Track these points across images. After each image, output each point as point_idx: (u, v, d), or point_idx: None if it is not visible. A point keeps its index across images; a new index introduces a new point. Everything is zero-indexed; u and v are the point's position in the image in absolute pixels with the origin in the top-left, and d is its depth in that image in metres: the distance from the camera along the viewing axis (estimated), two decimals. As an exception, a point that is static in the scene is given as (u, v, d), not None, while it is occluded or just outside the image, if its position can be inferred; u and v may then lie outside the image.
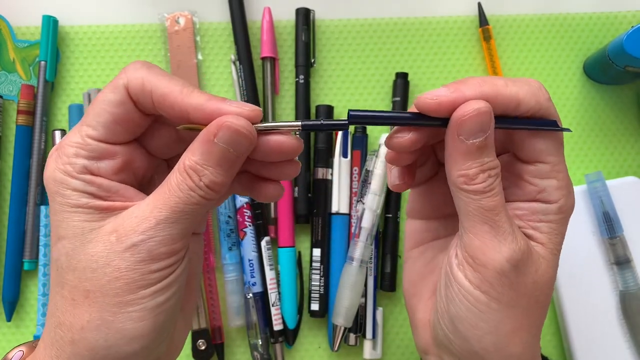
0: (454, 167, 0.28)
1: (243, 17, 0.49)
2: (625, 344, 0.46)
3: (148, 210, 0.26)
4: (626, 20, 0.51)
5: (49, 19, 0.48)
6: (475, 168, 0.28)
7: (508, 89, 0.28)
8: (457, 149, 0.28)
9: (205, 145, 0.26)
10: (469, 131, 0.27)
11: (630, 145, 0.50)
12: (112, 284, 0.25)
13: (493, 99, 0.28)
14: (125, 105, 0.27)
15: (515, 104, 0.28)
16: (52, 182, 0.26)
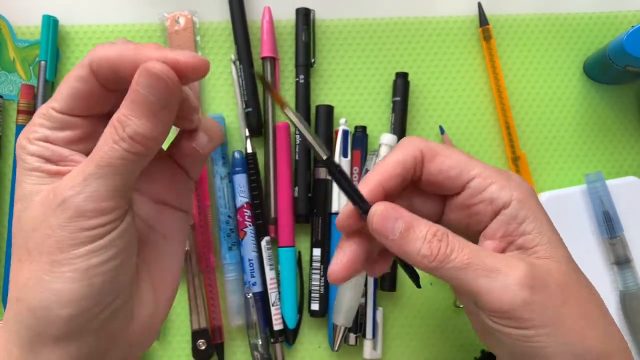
0: (411, 259, 0.29)
1: (243, 17, 0.49)
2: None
3: (85, 164, 0.26)
4: (626, 20, 0.51)
5: (49, 19, 0.48)
6: (423, 246, 0.29)
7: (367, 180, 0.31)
8: (396, 246, 0.29)
9: (131, 94, 0.25)
10: (388, 231, 0.29)
11: (630, 145, 0.50)
12: (46, 241, 0.25)
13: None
14: (87, 80, 0.27)
15: (400, 169, 0.31)
16: (18, 149, 0.28)
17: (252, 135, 0.48)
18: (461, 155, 0.31)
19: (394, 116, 0.49)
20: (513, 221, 0.29)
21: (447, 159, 0.30)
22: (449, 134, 0.50)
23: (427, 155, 0.30)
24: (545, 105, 0.50)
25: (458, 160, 0.30)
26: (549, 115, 0.50)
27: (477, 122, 0.50)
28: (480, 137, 0.50)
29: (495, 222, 0.30)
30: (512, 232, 0.30)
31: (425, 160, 0.31)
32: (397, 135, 0.48)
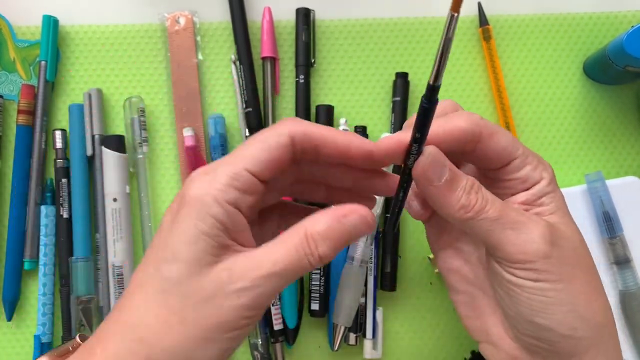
0: (449, 209, 0.30)
1: (243, 17, 0.49)
2: (625, 344, 0.46)
3: (263, 261, 0.27)
4: (626, 20, 0.51)
5: (49, 19, 0.48)
6: (462, 197, 0.30)
7: (451, 123, 0.30)
8: (439, 193, 0.30)
9: (333, 221, 0.28)
10: (436, 176, 0.29)
11: (630, 145, 0.50)
12: (209, 319, 0.26)
13: (447, 136, 0.30)
14: (286, 149, 0.29)
15: (461, 135, 0.30)
16: (196, 202, 0.27)
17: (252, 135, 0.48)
18: (511, 136, 0.32)
19: (394, 116, 0.49)
20: (536, 196, 0.31)
21: (503, 137, 0.31)
22: (449, 134, 0.50)
23: (485, 133, 0.31)
24: (545, 105, 0.50)
25: (510, 141, 0.31)
26: (548, 115, 0.50)
27: (477, 122, 0.50)
28: (480, 137, 0.50)
29: (520, 196, 0.32)
30: (532, 202, 0.31)
31: (483, 138, 0.31)
32: (397, 135, 0.48)
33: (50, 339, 0.47)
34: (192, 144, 0.48)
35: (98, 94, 0.48)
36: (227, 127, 0.49)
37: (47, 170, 0.49)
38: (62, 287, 0.47)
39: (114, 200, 0.47)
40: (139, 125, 0.48)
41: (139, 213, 0.48)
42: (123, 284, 0.46)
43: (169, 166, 0.49)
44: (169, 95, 0.49)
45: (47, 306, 0.47)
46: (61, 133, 0.48)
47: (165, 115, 0.50)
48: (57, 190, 0.47)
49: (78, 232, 0.47)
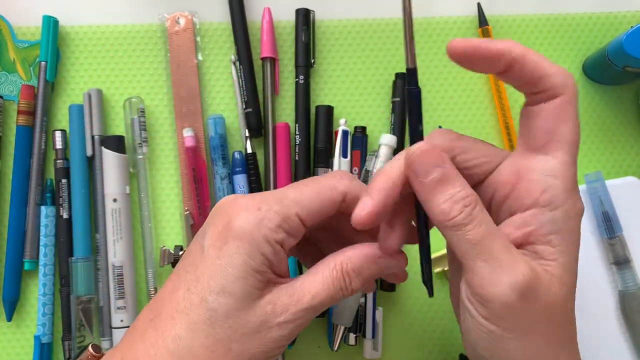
0: (430, 209, 0.28)
1: (243, 17, 0.49)
2: (624, 344, 0.46)
3: (302, 294, 0.29)
4: (626, 20, 0.51)
5: (49, 19, 0.48)
6: (446, 202, 0.28)
7: (538, 57, 0.28)
8: (422, 191, 0.28)
9: (367, 260, 0.30)
10: (422, 170, 0.28)
11: (630, 145, 0.50)
12: (253, 349, 0.28)
13: (520, 59, 0.28)
14: (336, 205, 0.31)
15: (540, 74, 0.28)
16: (247, 237, 0.29)
17: (252, 135, 0.48)
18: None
19: (394, 116, 0.49)
20: (547, 226, 0.28)
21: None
22: (448, 134, 0.50)
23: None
24: (544, 105, 0.50)
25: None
26: (548, 116, 0.50)
27: (477, 123, 0.50)
28: (480, 137, 0.50)
29: (530, 214, 0.29)
30: (538, 235, 0.28)
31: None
32: (397, 136, 0.48)
33: (50, 339, 0.47)
34: (192, 144, 0.48)
35: (98, 94, 0.48)
36: (227, 128, 0.49)
37: (47, 170, 0.49)
38: (62, 287, 0.47)
39: (114, 201, 0.47)
40: (139, 126, 0.48)
41: (139, 213, 0.48)
42: (123, 284, 0.46)
43: (169, 166, 0.49)
44: (169, 95, 0.49)
45: (47, 306, 0.47)
46: (61, 133, 0.48)
47: (165, 115, 0.50)
48: (57, 190, 0.47)
49: (78, 232, 0.47)
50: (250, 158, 0.48)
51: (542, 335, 0.28)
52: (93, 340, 0.46)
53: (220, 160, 0.48)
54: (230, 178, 0.48)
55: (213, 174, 0.48)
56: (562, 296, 0.28)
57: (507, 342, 0.28)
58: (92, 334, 0.46)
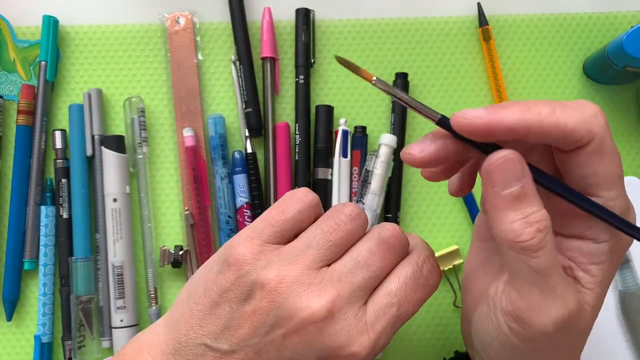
0: (496, 221, 0.26)
1: (243, 17, 0.49)
2: (624, 344, 0.46)
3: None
4: (626, 20, 0.51)
5: (49, 19, 0.48)
6: (518, 222, 0.25)
7: (554, 118, 0.25)
8: (495, 202, 0.26)
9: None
10: (501, 181, 0.26)
11: (630, 145, 0.50)
12: None
13: (536, 129, 0.25)
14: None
15: (563, 135, 0.25)
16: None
17: (252, 135, 0.48)
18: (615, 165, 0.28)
19: (394, 116, 0.49)
20: (593, 260, 0.27)
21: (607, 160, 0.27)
22: (448, 134, 0.50)
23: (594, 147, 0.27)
24: (545, 105, 0.50)
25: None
26: (548, 116, 0.50)
27: (477, 122, 0.50)
28: (480, 137, 0.50)
29: (574, 241, 0.28)
30: (579, 262, 0.28)
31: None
32: (397, 136, 0.48)
33: (50, 339, 0.47)
34: (192, 144, 0.48)
35: (98, 94, 0.48)
36: (227, 127, 0.49)
37: (47, 170, 0.49)
38: (62, 287, 0.47)
39: (114, 201, 0.47)
40: (139, 126, 0.48)
41: (139, 213, 0.48)
42: (123, 283, 0.46)
43: (169, 166, 0.49)
44: (169, 95, 0.49)
45: (47, 306, 0.47)
46: (61, 133, 0.48)
47: (165, 115, 0.50)
48: (57, 190, 0.47)
49: (78, 232, 0.47)
50: (250, 158, 0.48)
51: (559, 351, 0.28)
52: (93, 340, 0.46)
53: (220, 160, 0.48)
54: (230, 178, 0.48)
55: (213, 173, 0.48)
56: (590, 323, 0.28)
57: (526, 357, 0.28)
58: (92, 333, 0.46)
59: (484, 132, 0.26)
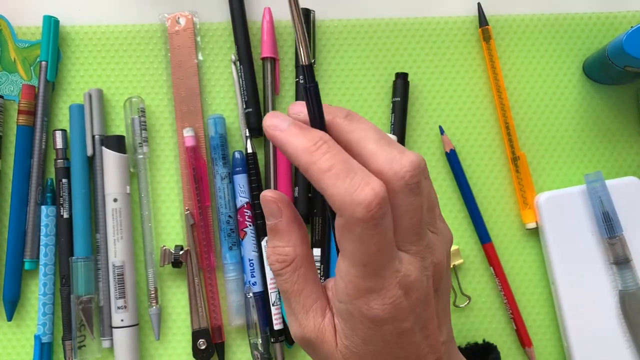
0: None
1: (243, 17, 0.49)
2: (624, 344, 0.46)
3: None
4: (626, 20, 0.51)
5: (49, 19, 0.48)
6: (269, 248, 0.31)
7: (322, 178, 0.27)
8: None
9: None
10: (265, 212, 0.31)
11: (630, 145, 0.50)
12: None
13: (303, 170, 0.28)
14: None
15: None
16: None
17: (252, 135, 0.48)
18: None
19: (394, 116, 0.49)
20: (334, 307, 0.30)
21: None
22: (448, 134, 0.50)
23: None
24: (545, 105, 0.50)
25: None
26: (548, 115, 0.50)
27: (477, 123, 0.50)
28: (480, 137, 0.50)
29: (330, 289, 0.31)
30: (332, 306, 0.31)
31: None
32: (397, 136, 0.48)
33: (50, 339, 0.47)
34: (192, 144, 0.48)
35: (98, 94, 0.48)
36: (227, 128, 0.49)
37: (47, 170, 0.49)
38: (63, 287, 0.47)
39: (114, 201, 0.47)
40: (139, 126, 0.48)
41: (139, 213, 0.48)
42: (123, 283, 0.46)
43: (169, 166, 0.49)
44: (169, 95, 0.50)
45: (48, 306, 0.47)
46: (61, 133, 0.48)
47: (166, 115, 0.50)
48: (57, 190, 0.47)
49: (78, 232, 0.47)
50: (250, 158, 0.48)
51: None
52: (93, 339, 0.46)
53: (220, 160, 0.48)
54: (231, 178, 0.48)
55: (213, 173, 0.48)
56: (341, 352, 0.30)
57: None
58: (93, 333, 0.46)
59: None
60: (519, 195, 0.49)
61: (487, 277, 0.49)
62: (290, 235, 0.31)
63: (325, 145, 0.27)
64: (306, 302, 0.30)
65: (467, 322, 0.49)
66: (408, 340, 0.29)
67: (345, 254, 0.27)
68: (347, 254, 0.27)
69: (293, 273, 0.30)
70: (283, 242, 0.31)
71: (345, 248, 0.27)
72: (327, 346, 0.30)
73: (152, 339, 0.48)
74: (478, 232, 0.49)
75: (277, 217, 0.31)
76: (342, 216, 0.26)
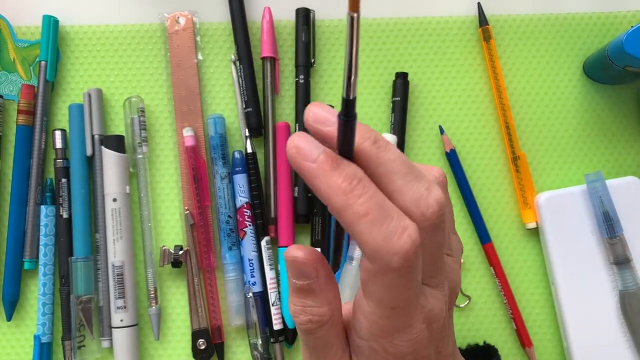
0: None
1: (243, 17, 0.49)
2: (624, 344, 0.46)
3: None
4: (626, 20, 0.51)
5: (49, 19, 0.48)
6: (298, 306, 0.28)
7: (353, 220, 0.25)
8: (289, 284, 0.28)
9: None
10: (291, 272, 0.28)
11: (630, 145, 0.50)
12: None
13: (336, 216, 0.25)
14: None
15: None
16: None
17: (252, 135, 0.48)
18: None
19: (394, 116, 0.49)
20: (353, 343, 0.29)
21: None
22: (448, 134, 0.50)
23: None
24: (545, 105, 0.50)
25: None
26: (548, 115, 0.50)
27: (477, 122, 0.50)
28: (480, 137, 0.50)
29: (350, 326, 0.29)
30: (350, 342, 0.29)
31: None
32: (397, 136, 0.48)
33: (50, 339, 0.47)
34: (192, 144, 0.48)
35: (98, 94, 0.48)
36: (227, 127, 0.49)
37: (47, 170, 0.49)
38: (62, 287, 0.47)
39: (114, 200, 0.47)
40: (139, 125, 0.48)
41: (138, 213, 0.48)
42: (123, 283, 0.46)
43: (169, 166, 0.49)
44: (169, 95, 0.49)
45: (47, 306, 0.47)
46: (61, 133, 0.48)
47: (165, 115, 0.50)
48: (57, 190, 0.47)
49: (78, 232, 0.47)
50: (250, 158, 0.48)
51: None
52: (93, 340, 0.46)
53: (220, 159, 0.48)
54: (230, 178, 0.48)
55: (213, 173, 0.48)
56: None
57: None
58: (92, 333, 0.46)
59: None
60: (519, 195, 0.49)
61: (487, 277, 0.49)
62: (326, 294, 0.28)
63: (361, 186, 0.25)
64: (336, 354, 0.29)
65: (467, 322, 0.49)
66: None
67: (372, 296, 0.26)
68: (374, 297, 0.26)
69: (328, 330, 0.28)
70: (318, 302, 0.28)
71: (373, 292, 0.26)
72: None
73: (152, 339, 0.48)
74: (478, 232, 0.49)
75: (311, 278, 0.27)
76: (374, 263, 0.25)
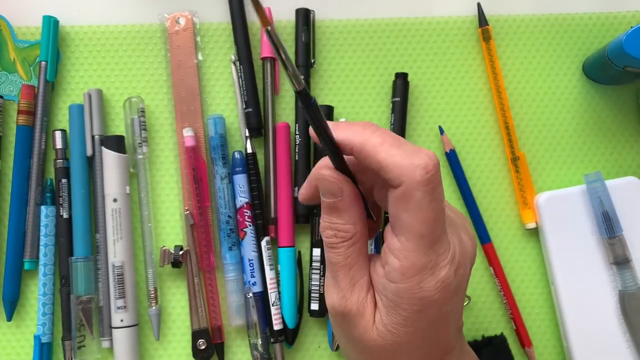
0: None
1: (243, 17, 0.49)
2: (624, 344, 0.46)
3: None
4: (626, 20, 0.51)
5: (49, 19, 0.48)
6: (325, 222, 0.31)
7: (377, 149, 0.29)
8: (321, 203, 0.31)
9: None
10: (322, 190, 0.31)
11: (630, 145, 0.50)
12: None
13: (357, 150, 0.29)
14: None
15: (377, 167, 0.29)
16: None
17: (252, 135, 0.48)
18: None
19: (394, 116, 0.49)
20: (381, 288, 0.31)
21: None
22: (448, 134, 0.50)
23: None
24: (544, 105, 0.50)
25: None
26: (548, 116, 0.50)
27: (477, 123, 0.50)
28: (480, 138, 0.50)
29: (377, 269, 0.31)
30: (376, 287, 0.31)
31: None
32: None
33: (50, 339, 0.47)
34: (192, 144, 0.48)
35: (98, 94, 0.48)
36: (227, 128, 0.49)
37: (47, 170, 0.49)
38: (62, 287, 0.47)
39: (114, 201, 0.47)
40: (139, 126, 0.48)
41: (139, 213, 0.48)
42: (123, 283, 0.46)
43: (169, 166, 0.49)
44: (169, 95, 0.49)
45: (47, 306, 0.47)
46: (61, 133, 0.48)
47: (165, 115, 0.50)
48: (57, 190, 0.47)
49: (78, 232, 0.47)
50: (250, 158, 0.48)
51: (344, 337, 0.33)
52: (93, 340, 0.46)
53: (220, 160, 0.48)
54: (230, 178, 0.48)
55: (213, 173, 0.48)
56: (381, 334, 0.30)
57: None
58: (92, 333, 0.46)
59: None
60: (518, 195, 0.49)
61: (487, 277, 0.49)
62: (350, 212, 0.31)
63: (374, 127, 0.29)
64: (355, 275, 0.31)
65: (467, 322, 0.49)
66: (444, 323, 0.30)
67: (402, 227, 0.28)
68: (404, 227, 0.28)
69: (349, 248, 0.31)
70: (343, 219, 0.31)
71: (403, 220, 0.28)
72: (365, 321, 0.30)
73: (152, 339, 0.48)
74: (478, 232, 0.49)
75: (337, 196, 0.30)
76: (401, 184, 0.28)
